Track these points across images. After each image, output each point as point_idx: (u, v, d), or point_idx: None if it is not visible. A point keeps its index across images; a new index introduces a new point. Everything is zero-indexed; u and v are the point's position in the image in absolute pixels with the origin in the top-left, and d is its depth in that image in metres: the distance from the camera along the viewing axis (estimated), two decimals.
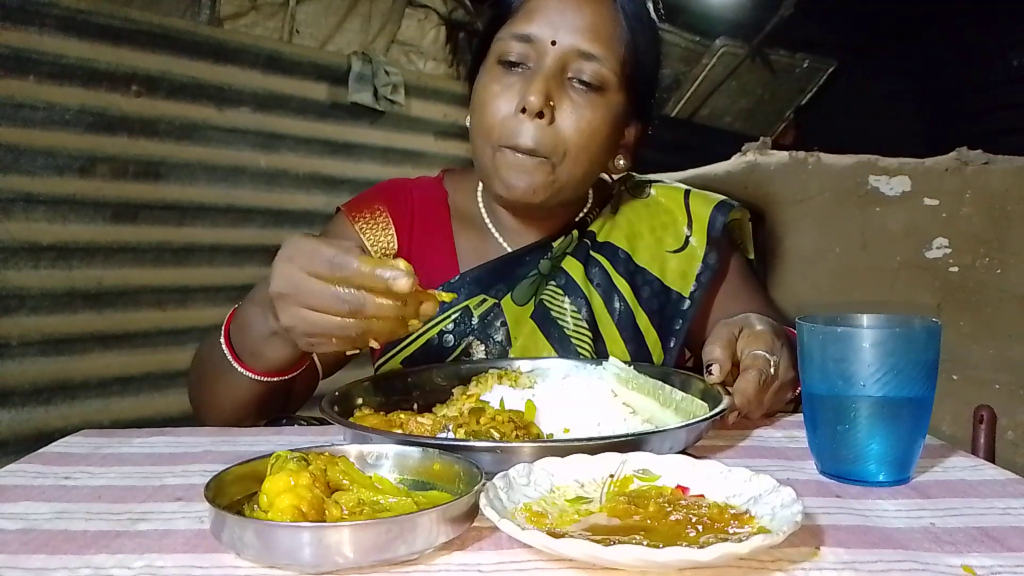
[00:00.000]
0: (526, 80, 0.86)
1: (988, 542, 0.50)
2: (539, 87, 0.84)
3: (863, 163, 1.56)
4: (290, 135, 2.84)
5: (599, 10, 0.88)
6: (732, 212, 1.00)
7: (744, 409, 0.73)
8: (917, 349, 0.60)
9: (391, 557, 0.46)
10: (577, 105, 0.87)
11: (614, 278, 0.96)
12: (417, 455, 0.57)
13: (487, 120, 0.88)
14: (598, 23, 0.88)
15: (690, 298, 0.96)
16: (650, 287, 0.96)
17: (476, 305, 0.93)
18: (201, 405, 0.87)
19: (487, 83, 0.89)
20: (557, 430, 0.67)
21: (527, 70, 0.87)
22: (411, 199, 1.00)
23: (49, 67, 2.22)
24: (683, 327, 0.96)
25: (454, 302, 0.93)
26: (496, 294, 0.94)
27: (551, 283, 0.95)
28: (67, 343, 2.27)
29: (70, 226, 2.29)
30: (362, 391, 0.77)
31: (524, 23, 0.88)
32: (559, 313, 0.94)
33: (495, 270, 0.94)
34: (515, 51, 0.87)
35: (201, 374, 0.86)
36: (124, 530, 0.53)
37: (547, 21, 0.87)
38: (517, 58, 0.88)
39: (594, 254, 0.97)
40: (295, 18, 2.94)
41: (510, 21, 0.89)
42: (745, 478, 0.54)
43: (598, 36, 0.87)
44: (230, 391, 0.81)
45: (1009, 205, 1.45)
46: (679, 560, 0.43)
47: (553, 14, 0.87)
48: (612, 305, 0.95)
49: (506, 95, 0.87)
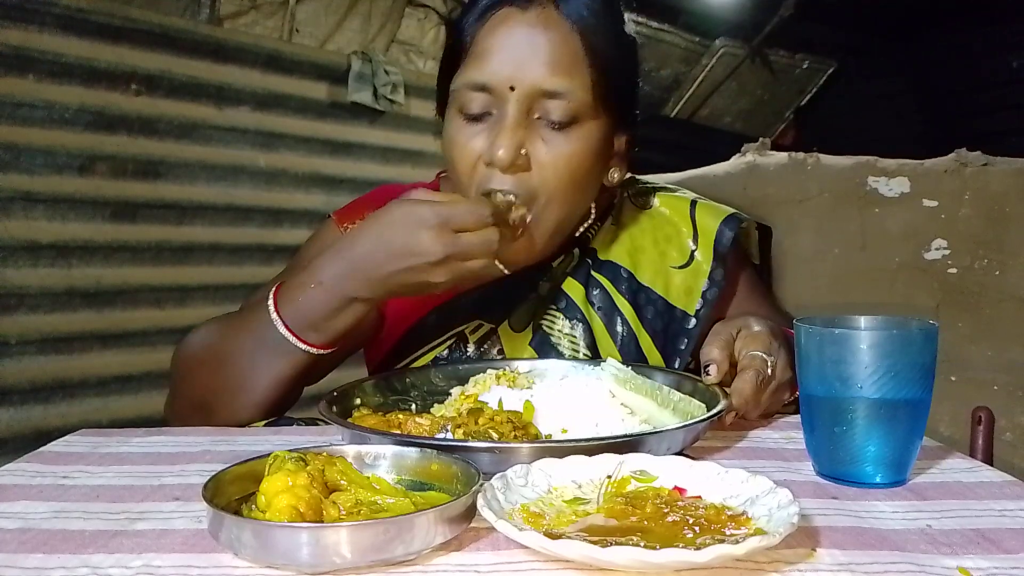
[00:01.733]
0: (491, 130, 0.81)
1: (984, 544, 0.50)
2: (505, 140, 0.78)
3: (862, 164, 1.56)
4: (290, 134, 2.84)
5: (555, 39, 0.80)
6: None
7: (741, 410, 0.73)
8: (914, 351, 0.60)
9: (388, 557, 0.46)
10: (552, 146, 0.81)
11: (616, 300, 0.92)
12: (415, 455, 0.57)
13: (460, 171, 0.84)
14: (556, 54, 0.79)
15: (695, 316, 0.91)
16: (654, 307, 0.92)
17: (472, 331, 0.90)
18: (211, 402, 0.81)
19: (452, 136, 0.84)
20: (555, 431, 0.67)
21: (491, 117, 0.81)
22: None
23: (49, 65, 2.22)
24: (688, 347, 0.91)
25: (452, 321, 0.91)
26: (492, 319, 0.91)
27: (551, 306, 0.91)
28: (66, 342, 2.27)
29: (69, 225, 2.29)
30: (361, 391, 0.77)
31: (477, 69, 0.80)
32: (558, 340, 0.90)
33: (492, 293, 0.90)
34: (474, 103, 0.81)
35: (215, 367, 0.81)
36: (122, 529, 0.53)
37: (501, 64, 0.79)
38: (479, 109, 0.81)
39: (595, 274, 0.93)
40: (295, 17, 2.94)
41: (463, 66, 0.82)
42: (742, 479, 0.54)
43: (558, 68, 0.79)
44: (271, 372, 0.78)
45: (1008, 206, 1.46)
46: (675, 561, 0.43)
47: (505, 54, 0.79)
48: (614, 329, 0.91)
49: (472, 145, 0.82)
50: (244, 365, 0.80)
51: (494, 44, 0.80)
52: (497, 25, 0.80)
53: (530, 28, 0.80)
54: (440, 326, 0.91)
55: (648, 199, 0.99)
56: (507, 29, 0.80)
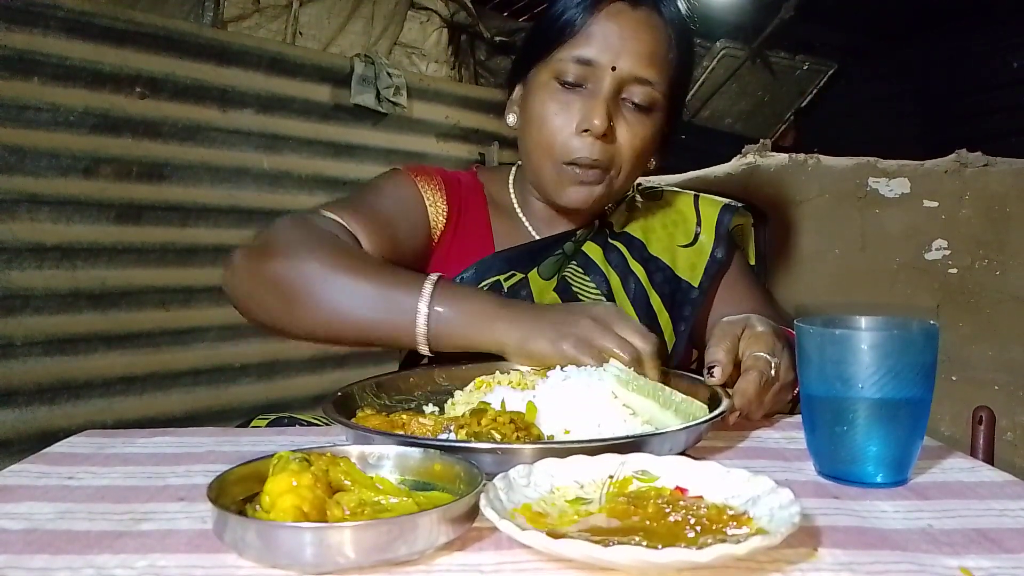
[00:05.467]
0: (585, 101, 0.92)
1: (985, 544, 0.50)
2: (602, 111, 0.90)
3: (863, 165, 1.56)
4: (293, 137, 2.85)
5: (655, 36, 0.93)
6: (737, 217, 1.06)
7: (744, 410, 0.73)
8: (915, 351, 0.60)
9: (392, 557, 0.46)
10: (631, 124, 0.94)
11: (630, 263, 1.02)
12: (418, 456, 0.57)
13: (547, 137, 0.94)
14: (654, 49, 0.93)
15: (699, 288, 1.02)
16: (662, 274, 1.02)
17: (506, 279, 0.99)
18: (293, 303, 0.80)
19: (544, 100, 0.94)
20: (558, 431, 0.67)
21: (584, 91, 0.92)
22: (460, 184, 1.06)
23: (53, 68, 2.23)
24: (692, 313, 1.02)
25: (487, 274, 0.97)
26: (524, 270, 1.00)
27: (573, 263, 1.01)
28: (71, 343, 2.28)
29: (74, 227, 2.30)
30: (364, 392, 0.77)
31: (585, 46, 0.92)
32: (579, 288, 1.00)
33: (525, 252, 1.00)
34: (575, 73, 0.92)
35: (331, 270, 0.79)
36: (127, 530, 0.53)
37: (607, 46, 0.91)
38: (576, 79, 0.92)
39: (612, 241, 1.04)
40: (298, 20, 2.95)
41: (570, 42, 0.93)
42: (744, 479, 0.54)
43: (653, 62, 0.93)
44: (366, 310, 0.78)
45: (1008, 207, 1.46)
46: (677, 561, 0.43)
47: (613, 39, 0.91)
48: (628, 285, 1.01)
49: (565, 113, 0.93)
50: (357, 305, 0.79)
51: (606, 29, 0.92)
52: (610, 15, 0.93)
53: (637, 23, 0.93)
54: (479, 277, 0.98)
55: (657, 193, 1.11)
56: (618, 20, 0.92)
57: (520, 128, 0.99)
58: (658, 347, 0.76)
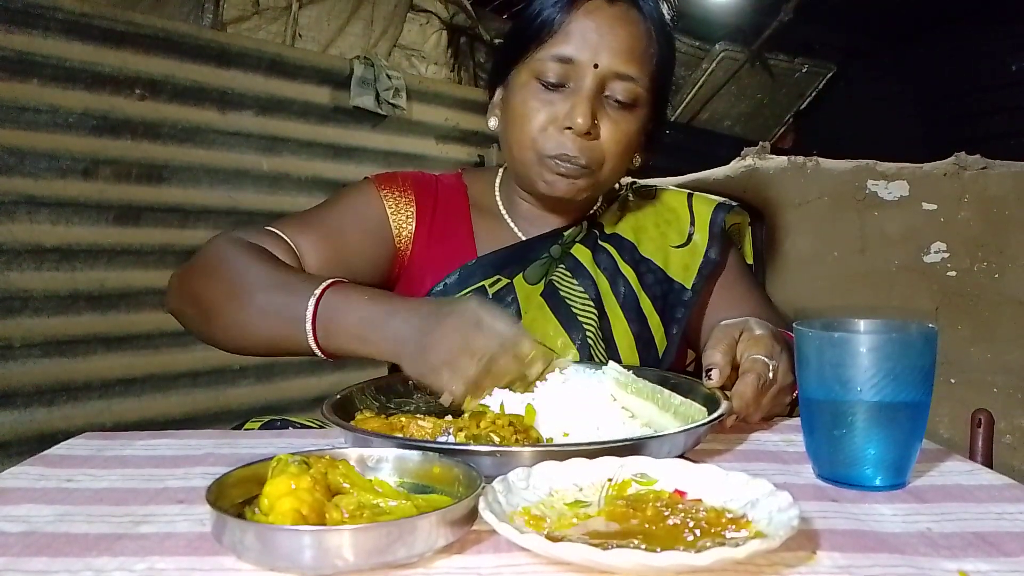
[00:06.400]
0: (568, 100, 0.91)
1: (984, 547, 0.50)
2: (585, 109, 0.90)
3: (862, 167, 1.56)
4: (292, 138, 2.85)
5: (635, 31, 0.93)
6: (732, 216, 1.05)
7: (742, 413, 0.73)
8: (914, 354, 0.60)
9: (391, 560, 0.46)
10: (614, 121, 0.93)
11: (620, 265, 1.00)
12: (417, 459, 0.57)
13: (529, 133, 0.93)
14: (634, 44, 0.92)
15: (692, 289, 1.00)
16: (654, 275, 1.01)
17: (491, 284, 0.98)
18: (213, 313, 0.84)
19: (526, 99, 0.93)
20: (557, 434, 0.67)
21: (566, 89, 0.92)
22: (436, 188, 1.05)
23: (53, 70, 2.23)
24: (685, 315, 1.00)
25: (471, 279, 0.97)
26: (509, 275, 0.98)
27: (561, 266, 1.00)
28: (70, 345, 2.28)
29: (73, 228, 2.30)
30: (363, 395, 0.77)
31: (564, 45, 0.91)
32: (567, 293, 0.98)
33: (510, 255, 0.99)
34: (556, 72, 0.91)
35: (236, 288, 0.82)
36: (126, 532, 0.53)
37: (586, 43, 0.91)
38: (557, 79, 0.92)
39: (602, 243, 1.02)
40: (298, 22, 2.95)
41: (549, 41, 0.92)
42: (742, 482, 0.54)
43: (633, 57, 0.92)
44: (265, 324, 0.80)
45: (1007, 209, 1.46)
46: (676, 565, 0.43)
47: (592, 36, 0.91)
48: (617, 288, 0.99)
49: (546, 111, 0.92)
50: (252, 306, 0.81)
51: (584, 26, 0.91)
52: (588, 12, 0.92)
53: (615, 19, 0.92)
54: (462, 283, 0.97)
55: (650, 191, 1.09)
56: (596, 17, 0.92)
57: (502, 128, 0.98)
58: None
